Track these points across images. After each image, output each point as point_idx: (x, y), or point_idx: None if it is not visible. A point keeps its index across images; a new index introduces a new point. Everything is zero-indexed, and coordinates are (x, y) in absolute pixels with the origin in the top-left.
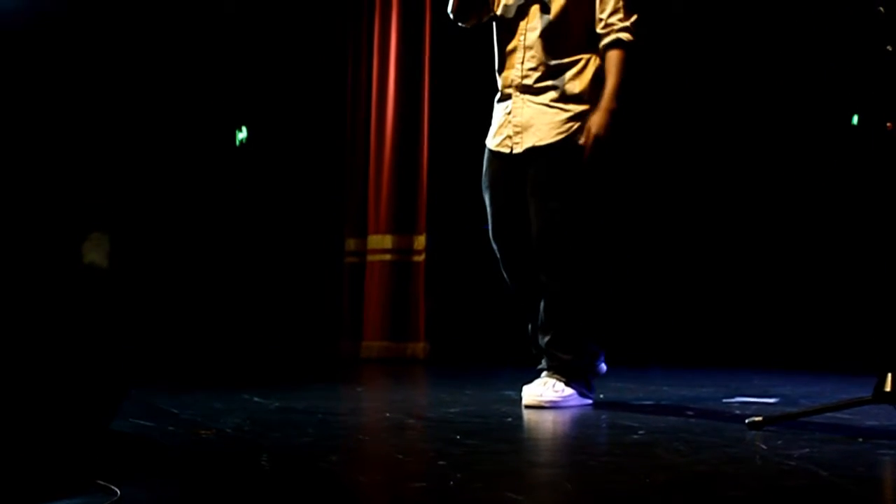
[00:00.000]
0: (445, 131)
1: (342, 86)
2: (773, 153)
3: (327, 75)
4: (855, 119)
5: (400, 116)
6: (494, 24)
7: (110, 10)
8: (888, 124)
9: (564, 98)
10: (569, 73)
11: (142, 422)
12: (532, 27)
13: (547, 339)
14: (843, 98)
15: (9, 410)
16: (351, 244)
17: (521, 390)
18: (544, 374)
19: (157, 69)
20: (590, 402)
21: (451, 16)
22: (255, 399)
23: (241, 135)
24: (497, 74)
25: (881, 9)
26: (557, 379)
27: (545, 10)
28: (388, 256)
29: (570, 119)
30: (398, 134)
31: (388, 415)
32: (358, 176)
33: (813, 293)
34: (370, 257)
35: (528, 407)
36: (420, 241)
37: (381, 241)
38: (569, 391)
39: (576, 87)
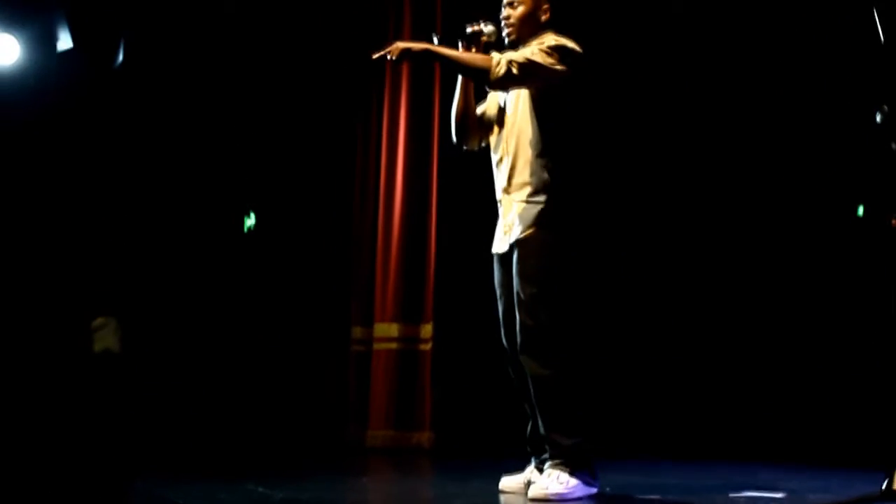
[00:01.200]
0: (453, 220)
1: (350, 173)
2: (780, 242)
3: (336, 163)
4: (860, 210)
5: (408, 204)
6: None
7: (121, 98)
8: (893, 221)
9: (536, 192)
10: (538, 169)
11: None
12: (506, 135)
13: (546, 427)
14: (850, 189)
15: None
16: (357, 332)
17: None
18: (548, 465)
19: (167, 154)
20: (595, 490)
21: (455, 142)
22: (260, 489)
23: (250, 221)
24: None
25: (885, 107)
26: (562, 470)
27: (512, 119)
28: (394, 345)
29: (540, 211)
30: (406, 221)
31: None
32: (365, 263)
33: (820, 387)
34: (376, 346)
35: (533, 500)
36: (427, 330)
37: (387, 330)
38: (574, 482)
39: (543, 179)
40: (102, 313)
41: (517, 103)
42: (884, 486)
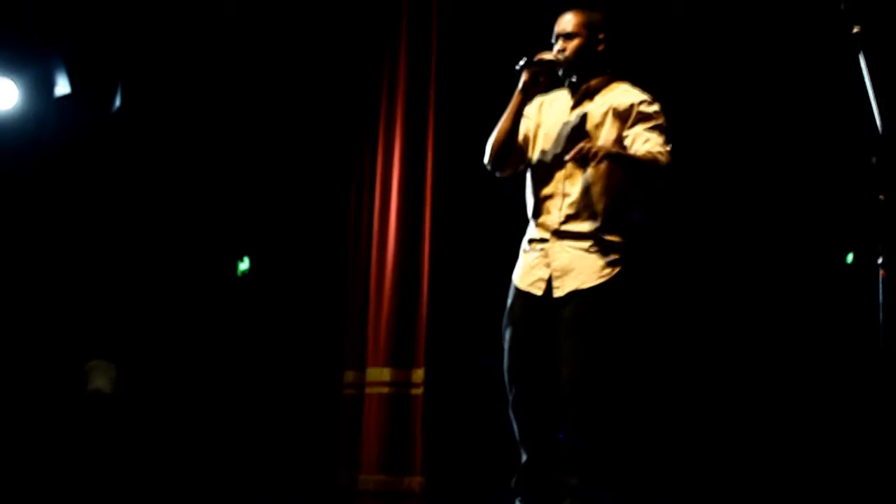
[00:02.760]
0: (445, 267)
1: (344, 219)
2: (770, 293)
3: (329, 209)
4: (849, 257)
5: (401, 251)
6: (529, 171)
7: (118, 143)
8: (882, 272)
9: (603, 245)
10: (607, 222)
11: None
12: (570, 174)
13: (577, 479)
14: (839, 236)
15: None
16: (349, 376)
17: None
18: None
19: (161, 197)
20: None
21: (489, 167)
22: None
23: (243, 265)
24: (531, 218)
25: (872, 160)
26: None
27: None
28: (386, 389)
29: (609, 264)
30: (398, 268)
31: None
32: (358, 308)
33: (821, 430)
34: (368, 389)
35: None
36: (418, 375)
37: (379, 374)
38: None
39: (614, 235)
40: (97, 356)
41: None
42: None
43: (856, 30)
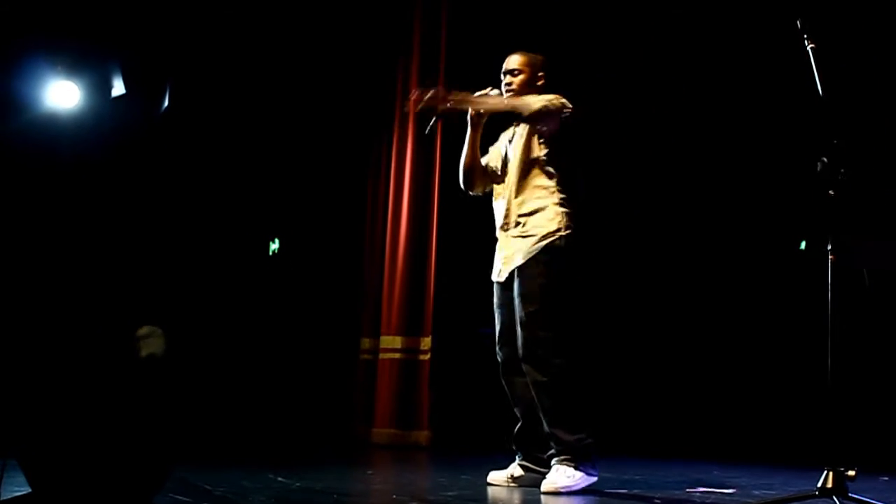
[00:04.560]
0: (450, 248)
1: (362, 208)
2: (737, 270)
3: (350, 200)
4: (803, 245)
5: (411, 236)
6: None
7: (166, 137)
8: (832, 257)
9: (530, 227)
10: (533, 212)
11: (180, 497)
12: (506, 182)
13: (547, 428)
14: (792, 226)
15: (75, 482)
16: (366, 343)
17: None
18: (555, 461)
19: (205, 189)
20: (595, 478)
21: (462, 188)
22: (280, 479)
23: (274, 246)
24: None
25: (824, 159)
26: (567, 465)
27: (511, 165)
28: (397, 355)
29: (536, 241)
30: (409, 249)
31: (394, 497)
32: (373, 284)
33: (769, 395)
34: (382, 355)
35: (545, 494)
36: (426, 343)
37: (391, 342)
38: (578, 474)
39: (541, 222)
40: (149, 323)
41: (516, 151)
42: (819, 484)
43: (811, 46)
